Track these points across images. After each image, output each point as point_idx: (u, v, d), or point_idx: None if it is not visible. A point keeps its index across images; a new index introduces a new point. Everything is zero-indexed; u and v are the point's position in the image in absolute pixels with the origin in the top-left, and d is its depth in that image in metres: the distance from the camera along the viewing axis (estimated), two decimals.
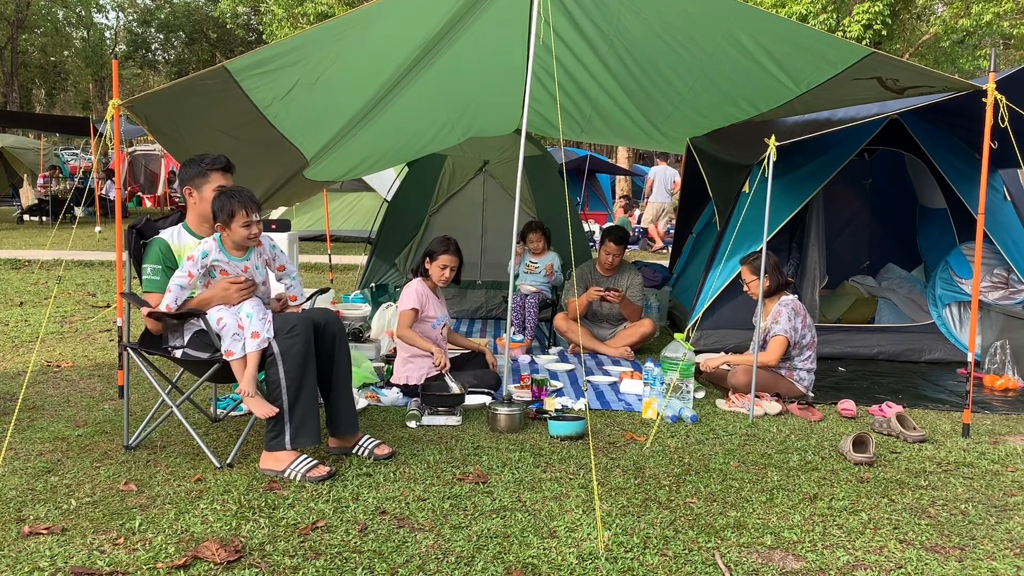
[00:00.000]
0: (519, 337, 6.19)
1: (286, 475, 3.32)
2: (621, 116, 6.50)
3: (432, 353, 4.63)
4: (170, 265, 3.59)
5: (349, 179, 9.00)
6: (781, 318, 4.80)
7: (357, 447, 3.65)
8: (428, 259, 4.86)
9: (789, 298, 4.89)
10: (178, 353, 3.58)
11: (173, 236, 3.69)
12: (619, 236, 6.25)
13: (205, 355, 3.50)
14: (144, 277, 3.62)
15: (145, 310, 3.58)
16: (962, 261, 6.04)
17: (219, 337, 3.42)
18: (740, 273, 5.10)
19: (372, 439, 3.67)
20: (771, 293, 4.89)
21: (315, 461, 3.38)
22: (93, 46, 39.26)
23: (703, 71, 5.24)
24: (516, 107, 6.23)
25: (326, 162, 5.91)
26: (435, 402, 4.29)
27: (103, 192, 17.26)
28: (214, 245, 3.47)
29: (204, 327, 3.46)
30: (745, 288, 5.05)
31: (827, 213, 6.34)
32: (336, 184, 11.87)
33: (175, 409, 3.55)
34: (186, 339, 3.58)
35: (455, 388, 4.32)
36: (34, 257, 11.00)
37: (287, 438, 3.36)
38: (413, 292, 4.79)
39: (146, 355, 3.72)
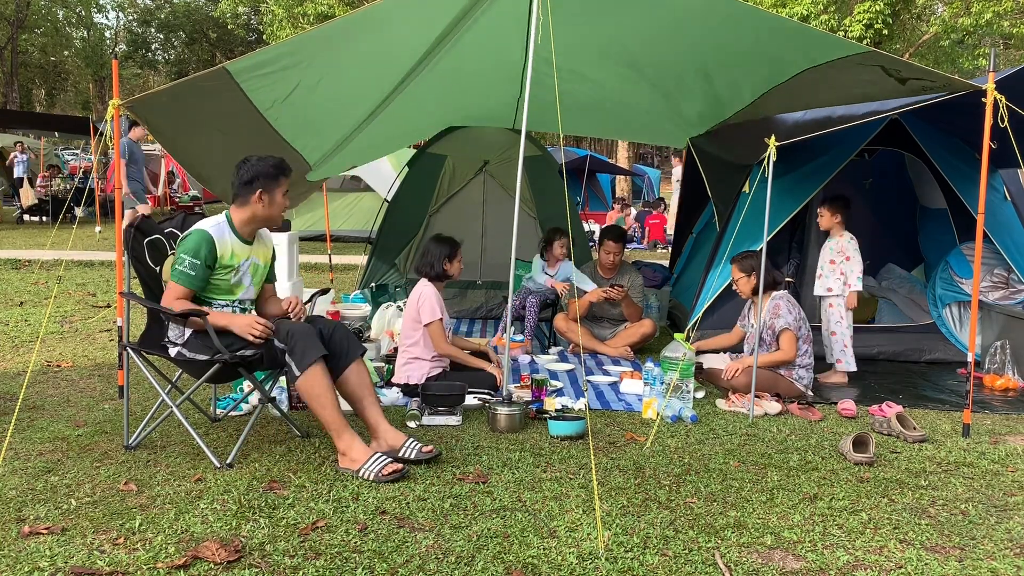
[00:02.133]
0: (518, 337, 6.19)
1: (361, 474, 3.35)
2: (621, 109, 6.48)
3: (485, 370, 4.76)
4: (210, 264, 3.52)
5: (346, 171, 8.95)
6: (781, 311, 4.80)
7: (403, 449, 3.56)
8: (448, 260, 4.88)
9: (780, 292, 4.90)
10: (173, 351, 3.58)
11: (218, 233, 3.56)
12: (617, 234, 6.25)
13: (203, 357, 3.50)
14: (177, 268, 3.48)
15: (171, 301, 3.49)
16: (962, 261, 6.04)
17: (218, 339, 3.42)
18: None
19: (415, 440, 3.60)
20: (764, 289, 4.89)
21: (387, 459, 3.38)
22: (93, 46, 39.28)
23: (703, 62, 5.23)
24: (516, 102, 6.23)
25: (328, 164, 5.92)
26: (435, 402, 4.29)
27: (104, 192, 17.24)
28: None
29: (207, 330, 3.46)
30: (735, 287, 5.07)
31: None
32: (336, 183, 11.89)
33: (175, 409, 3.55)
34: (184, 338, 3.57)
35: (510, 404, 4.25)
36: (34, 257, 11.00)
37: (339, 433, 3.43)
38: (435, 299, 4.75)
39: (146, 355, 3.72)
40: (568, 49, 5.32)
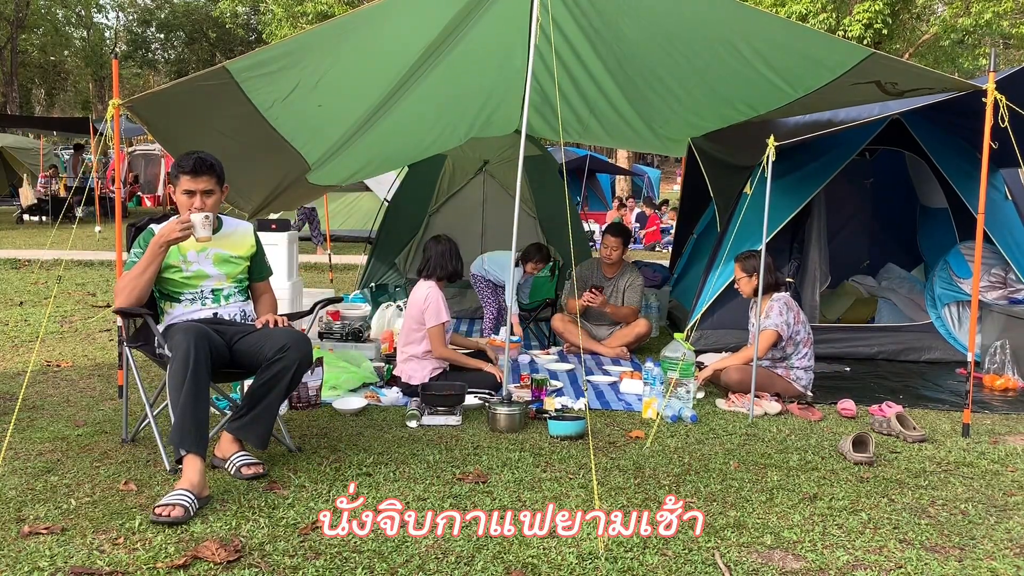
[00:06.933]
0: (515, 337, 6.18)
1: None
2: (619, 120, 6.50)
3: (484, 370, 4.76)
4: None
5: (352, 182, 8.99)
6: (772, 312, 4.80)
7: (228, 463, 3.37)
8: (458, 258, 4.87)
9: (781, 294, 4.90)
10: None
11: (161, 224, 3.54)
12: (617, 230, 6.28)
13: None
14: (127, 259, 3.54)
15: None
16: (961, 261, 6.04)
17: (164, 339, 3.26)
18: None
19: (245, 456, 3.37)
20: (764, 291, 4.90)
21: (185, 498, 2.92)
22: (93, 46, 39.28)
23: (701, 76, 5.24)
24: (517, 108, 6.23)
25: (329, 166, 5.90)
26: (435, 402, 4.29)
27: (104, 191, 17.22)
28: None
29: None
30: (736, 286, 5.08)
31: (828, 213, 6.34)
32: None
33: (151, 416, 3.54)
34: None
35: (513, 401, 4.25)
36: (34, 257, 11.00)
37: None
38: (442, 301, 4.72)
39: (143, 354, 3.71)
40: (568, 53, 5.35)
